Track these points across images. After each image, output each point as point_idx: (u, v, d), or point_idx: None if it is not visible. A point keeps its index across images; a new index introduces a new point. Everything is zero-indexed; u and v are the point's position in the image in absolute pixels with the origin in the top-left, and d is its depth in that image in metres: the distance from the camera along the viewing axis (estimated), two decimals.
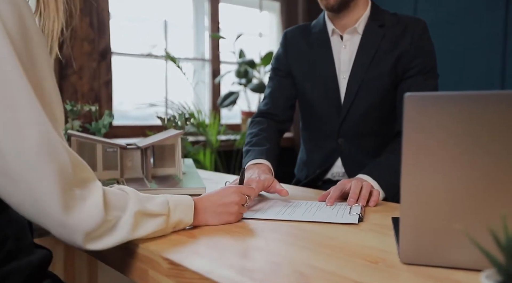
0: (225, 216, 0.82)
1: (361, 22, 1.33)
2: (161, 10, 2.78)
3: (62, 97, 2.12)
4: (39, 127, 0.59)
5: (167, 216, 0.73)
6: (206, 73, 2.95)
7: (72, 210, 0.60)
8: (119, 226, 0.66)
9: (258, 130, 1.37)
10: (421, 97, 0.55)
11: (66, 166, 0.61)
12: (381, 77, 1.29)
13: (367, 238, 0.76)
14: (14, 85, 0.58)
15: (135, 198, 0.69)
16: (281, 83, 1.44)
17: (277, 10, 3.23)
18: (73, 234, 0.61)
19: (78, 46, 2.37)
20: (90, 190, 0.64)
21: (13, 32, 0.59)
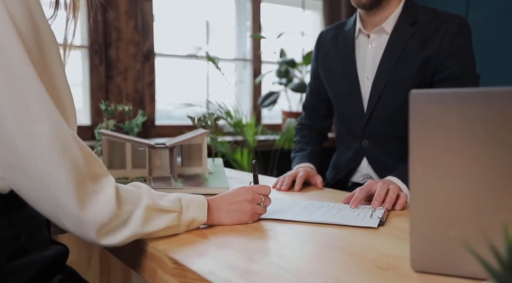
0: (238, 215, 0.81)
1: (389, 20, 1.28)
2: (204, 11, 2.81)
3: (108, 98, 2.21)
4: (50, 122, 0.60)
5: (180, 213, 0.73)
6: (247, 73, 2.96)
7: (85, 204, 0.61)
8: (131, 220, 0.66)
9: (300, 137, 1.51)
10: (427, 95, 0.51)
11: (78, 160, 0.62)
12: (407, 78, 1.23)
13: (383, 243, 0.73)
14: (25, 82, 0.59)
15: (148, 194, 0.70)
16: (313, 89, 1.50)
17: (319, 8, 3.19)
18: (86, 229, 0.62)
19: (123, 48, 2.46)
20: (102, 184, 0.65)
21: (23, 27, 0.60)
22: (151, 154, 1.21)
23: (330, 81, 1.40)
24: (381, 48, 1.29)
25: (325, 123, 1.51)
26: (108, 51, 2.42)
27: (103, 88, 2.42)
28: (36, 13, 0.62)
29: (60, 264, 0.73)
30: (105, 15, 2.40)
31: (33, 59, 0.60)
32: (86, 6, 2.43)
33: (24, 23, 0.61)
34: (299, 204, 0.99)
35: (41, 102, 0.60)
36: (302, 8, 3.14)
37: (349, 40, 1.35)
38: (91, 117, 2.41)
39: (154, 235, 0.72)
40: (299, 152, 1.42)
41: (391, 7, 1.28)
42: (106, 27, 2.41)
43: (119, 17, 2.44)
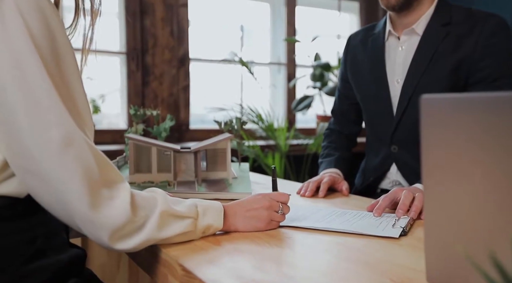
0: (255, 221, 0.80)
1: (420, 21, 1.23)
2: (239, 16, 2.83)
3: (144, 103, 2.25)
4: (63, 130, 0.62)
5: (195, 219, 0.73)
6: (282, 77, 2.94)
7: (98, 208, 0.62)
8: (145, 226, 0.67)
9: (327, 142, 1.47)
10: (439, 100, 0.48)
11: (91, 167, 0.63)
12: (439, 81, 1.18)
13: (402, 254, 0.69)
14: (40, 91, 0.61)
15: (163, 200, 0.70)
16: (343, 91, 1.46)
17: (356, 10, 3.13)
18: (99, 232, 0.63)
19: (159, 54, 2.51)
20: (117, 190, 0.65)
21: (39, 37, 0.62)
22: (176, 158, 1.22)
23: (359, 84, 1.37)
24: (411, 50, 1.24)
25: (354, 128, 1.47)
26: (145, 57, 2.48)
27: (140, 93, 2.47)
28: (52, 23, 0.64)
29: (76, 268, 0.74)
30: (142, 22, 2.46)
31: (48, 69, 0.62)
32: (125, 12, 2.49)
33: (41, 33, 0.62)
34: (321, 211, 0.96)
35: (55, 111, 0.62)
36: (338, 11, 3.10)
37: (379, 42, 1.31)
38: (128, 121, 2.47)
39: (168, 241, 0.71)
40: (326, 157, 1.39)
41: (422, 7, 1.23)
42: (143, 33, 2.47)
43: (156, 23, 2.49)
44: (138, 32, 2.46)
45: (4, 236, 0.65)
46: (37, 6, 0.62)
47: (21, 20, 0.60)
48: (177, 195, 1.09)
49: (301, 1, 2.94)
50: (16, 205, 0.67)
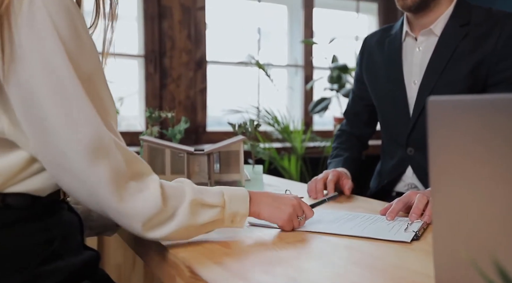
0: (278, 212, 0.80)
1: (439, 22, 1.21)
2: (256, 18, 2.83)
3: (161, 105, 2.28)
4: (91, 127, 0.64)
5: (223, 207, 0.74)
6: (299, 79, 2.93)
7: (128, 201, 0.65)
8: (176, 215, 0.69)
9: (338, 143, 1.45)
10: (447, 102, 0.47)
11: (118, 162, 0.65)
12: (457, 82, 1.16)
13: (413, 259, 0.68)
14: (68, 88, 0.63)
15: (191, 189, 0.72)
16: (357, 92, 1.45)
17: (375, 11, 3.10)
18: (132, 223, 0.66)
19: (176, 57, 2.53)
20: (146, 182, 0.68)
21: (65, 33, 0.63)
22: (190, 160, 1.22)
23: (375, 86, 1.35)
24: (429, 51, 1.22)
25: (366, 130, 1.45)
26: (163, 59, 2.50)
27: (157, 95, 2.50)
28: (78, 22, 0.65)
29: (89, 270, 0.75)
30: (160, 25, 2.49)
31: (76, 68, 0.64)
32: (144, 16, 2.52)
33: (68, 33, 0.63)
34: (332, 214, 0.95)
35: (84, 111, 0.64)
36: (356, 12, 3.07)
37: (396, 43, 1.30)
38: (145, 123, 2.49)
39: (199, 231, 0.73)
40: (335, 158, 1.37)
41: (440, 8, 1.21)
42: (161, 36, 2.49)
43: (173, 26, 2.51)
44: (156, 35, 2.48)
45: (22, 237, 0.67)
46: (64, 6, 0.63)
47: (50, 20, 0.62)
48: None
49: (319, 3, 2.93)
50: (35, 206, 0.68)
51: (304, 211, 0.84)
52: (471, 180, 0.47)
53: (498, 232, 0.46)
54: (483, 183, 0.47)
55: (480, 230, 0.48)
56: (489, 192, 0.46)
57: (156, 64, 2.49)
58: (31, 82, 0.62)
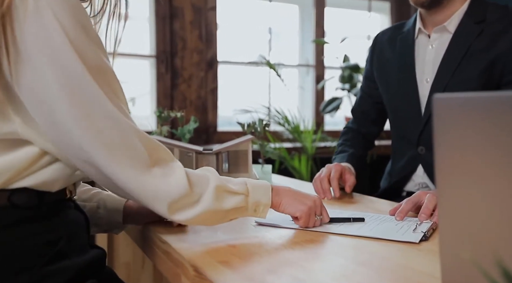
0: (299, 204, 0.81)
1: (453, 19, 1.19)
2: (267, 18, 2.83)
3: (172, 105, 2.28)
4: (111, 120, 0.65)
5: (246, 196, 0.75)
6: (310, 79, 2.92)
7: (152, 183, 0.66)
8: (201, 199, 0.70)
9: (343, 140, 1.43)
10: (452, 100, 0.46)
11: (139, 151, 0.66)
12: (471, 80, 1.14)
13: (421, 260, 0.67)
14: (78, 80, 0.63)
15: (216, 176, 0.74)
16: (365, 93, 1.43)
17: (387, 10, 3.07)
18: (158, 205, 0.67)
19: (188, 57, 2.54)
20: (171, 167, 0.69)
21: (71, 29, 0.63)
22: (199, 160, 1.22)
23: (386, 84, 1.33)
24: (442, 49, 1.21)
25: (373, 129, 1.43)
26: (174, 59, 2.51)
27: (168, 95, 2.51)
28: (84, 20, 0.65)
29: (95, 269, 0.75)
30: (171, 25, 2.50)
31: (85, 61, 0.63)
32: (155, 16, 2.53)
33: (74, 32, 0.63)
34: (340, 214, 0.94)
35: (99, 103, 0.64)
36: (368, 11, 3.05)
37: (408, 41, 1.28)
38: (156, 124, 2.51)
39: (223, 217, 0.74)
40: (339, 154, 1.35)
41: (454, 4, 1.19)
42: (172, 36, 2.50)
43: (185, 27, 2.52)
44: (168, 36, 2.49)
45: (28, 237, 0.67)
46: (68, 3, 0.63)
47: (55, 17, 0.62)
48: None
49: (330, 2, 2.92)
50: (41, 205, 0.68)
51: (322, 212, 0.84)
52: (478, 179, 0.46)
53: (506, 232, 0.45)
54: (490, 182, 0.46)
55: (487, 230, 0.47)
56: (496, 192, 0.45)
57: (168, 64, 2.50)
58: (43, 81, 0.62)
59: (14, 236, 0.65)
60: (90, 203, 0.87)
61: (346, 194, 1.18)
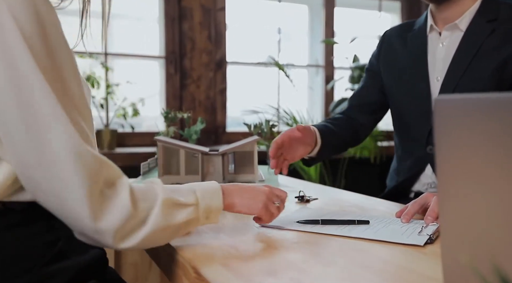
0: (253, 202, 0.78)
1: (465, 17, 1.17)
2: (276, 18, 2.82)
3: (181, 106, 2.29)
4: (60, 132, 0.58)
5: (196, 205, 0.71)
6: (319, 80, 2.91)
7: (100, 214, 0.60)
8: (149, 218, 0.64)
9: (330, 118, 1.35)
10: (454, 101, 0.45)
11: (92, 170, 0.60)
12: (482, 80, 1.12)
13: (425, 263, 0.66)
14: (32, 87, 0.58)
15: (162, 189, 0.68)
16: (367, 84, 1.38)
17: (397, 10, 3.05)
18: (103, 236, 0.61)
19: (197, 58, 2.55)
20: (116, 188, 0.63)
21: (28, 31, 0.59)
22: (205, 161, 1.22)
23: (395, 80, 1.30)
24: (453, 47, 1.19)
25: (366, 122, 1.35)
26: (183, 60, 2.52)
27: (177, 96, 2.52)
28: (44, 17, 0.61)
29: (96, 268, 0.74)
30: (180, 26, 2.50)
31: (42, 67, 0.59)
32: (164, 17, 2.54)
33: (31, 30, 0.59)
34: (344, 216, 0.93)
35: (51, 112, 0.58)
36: (378, 11, 3.03)
37: (421, 38, 1.25)
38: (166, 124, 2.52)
39: (174, 233, 0.69)
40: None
41: (466, 1, 1.17)
42: (182, 37, 2.51)
43: (194, 27, 2.53)
44: (177, 36, 2.50)
45: (26, 239, 0.66)
46: (28, 3, 0.59)
47: (9, 13, 0.58)
48: None
49: (340, 2, 2.90)
50: (37, 207, 0.66)
51: (278, 196, 0.83)
52: (480, 183, 0.45)
53: (507, 236, 0.44)
54: (492, 185, 0.45)
55: (488, 234, 0.46)
56: (498, 195, 0.44)
57: (177, 65, 2.51)
58: None
59: (11, 239, 0.65)
60: None
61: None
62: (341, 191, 1.31)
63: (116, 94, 2.31)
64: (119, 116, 2.30)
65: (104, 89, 2.26)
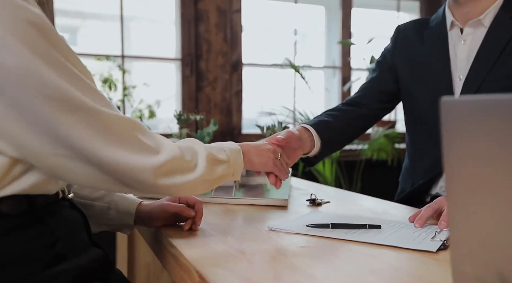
0: (265, 159, 0.88)
1: (489, 13, 1.12)
2: (294, 20, 2.80)
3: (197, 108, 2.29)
4: (83, 110, 0.62)
5: (228, 162, 0.78)
6: (336, 81, 2.88)
7: (158, 146, 0.68)
8: (197, 167, 0.72)
9: (329, 110, 1.27)
10: (461, 102, 0.43)
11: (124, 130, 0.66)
12: (507, 79, 1.08)
13: (437, 270, 0.64)
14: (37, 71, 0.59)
15: (203, 145, 0.76)
16: (379, 76, 1.31)
17: (416, 10, 3.00)
18: (142, 166, 0.66)
19: (213, 60, 2.55)
20: (156, 137, 0.70)
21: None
22: None
23: (414, 77, 1.25)
24: (476, 44, 1.14)
25: (377, 105, 1.28)
26: (199, 62, 2.53)
27: (193, 98, 2.52)
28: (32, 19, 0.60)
29: (98, 270, 0.74)
30: (196, 28, 2.51)
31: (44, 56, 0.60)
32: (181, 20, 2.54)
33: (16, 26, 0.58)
34: (354, 219, 0.91)
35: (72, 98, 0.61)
36: (396, 11, 2.98)
37: (441, 34, 1.20)
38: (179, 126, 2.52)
39: (211, 185, 0.77)
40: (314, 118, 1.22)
41: None
42: (197, 39, 2.52)
43: (210, 29, 2.53)
44: (193, 38, 2.51)
45: (24, 243, 0.65)
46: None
47: None
48: (214, 200, 1.09)
49: (358, 3, 2.87)
50: (32, 210, 0.66)
51: (280, 154, 0.92)
52: (490, 188, 0.43)
53: None
54: (502, 191, 0.42)
55: (500, 241, 0.43)
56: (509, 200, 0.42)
57: (192, 67, 2.52)
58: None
59: (7, 245, 0.64)
60: (100, 202, 0.86)
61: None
62: (355, 194, 1.28)
63: (133, 96, 2.33)
64: (135, 118, 2.32)
65: (121, 91, 2.29)
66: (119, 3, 2.39)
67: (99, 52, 2.35)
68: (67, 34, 2.58)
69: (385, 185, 2.70)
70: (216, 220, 0.93)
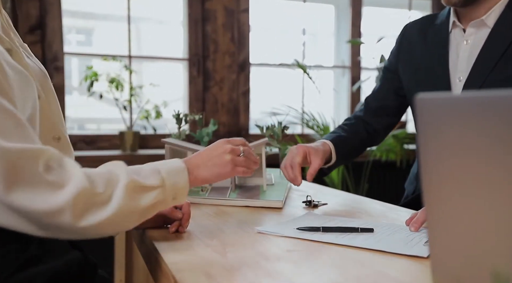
0: (219, 168, 0.77)
1: (492, 12, 1.08)
2: (303, 19, 2.77)
3: (204, 107, 2.28)
4: None
5: (163, 187, 0.68)
6: (346, 81, 2.84)
7: (59, 187, 0.58)
8: (112, 200, 0.61)
9: (342, 124, 1.34)
10: (436, 100, 0.40)
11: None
12: (510, 80, 1.03)
13: (425, 276, 0.61)
14: None
15: (125, 172, 0.65)
16: (384, 86, 1.32)
17: (428, 7, 2.94)
18: (64, 214, 0.58)
19: (220, 60, 2.53)
20: (63, 166, 0.60)
21: None
22: None
23: (414, 80, 1.23)
24: (478, 45, 1.10)
25: (386, 122, 1.32)
26: (206, 62, 2.51)
27: (200, 98, 2.51)
28: None
29: (77, 274, 0.72)
30: (204, 28, 2.50)
31: None
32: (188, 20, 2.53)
33: None
34: (347, 222, 0.88)
35: None
36: (408, 10, 2.93)
37: (442, 34, 1.18)
38: (188, 127, 2.51)
39: (142, 217, 0.66)
40: (330, 134, 1.27)
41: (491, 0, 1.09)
42: (205, 39, 2.51)
43: (217, 29, 2.52)
44: (200, 39, 2.50)
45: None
46: None
47: None
48: (207, 201, 1.07)
49: (368, 1, 2.82)
50: None
51: (238, 145, 0.81)
52: (466, 186, 0.40)
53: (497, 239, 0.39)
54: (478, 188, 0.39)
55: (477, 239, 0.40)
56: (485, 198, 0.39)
57: (199, 67, 2.51)
58: None
59: None
60: None
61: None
62: (354, 196, 1.25)
63: (140, 97, 2.33)
64: (142, 118, 2.32)
65: (128, 91, 2.29)
66: (127, 4, 2.39)
67: (109, 53, 2.36)
68: (82, 35, 2.61)
69: (393, 187, 2.65)
70: (206, 222, 0.91)
